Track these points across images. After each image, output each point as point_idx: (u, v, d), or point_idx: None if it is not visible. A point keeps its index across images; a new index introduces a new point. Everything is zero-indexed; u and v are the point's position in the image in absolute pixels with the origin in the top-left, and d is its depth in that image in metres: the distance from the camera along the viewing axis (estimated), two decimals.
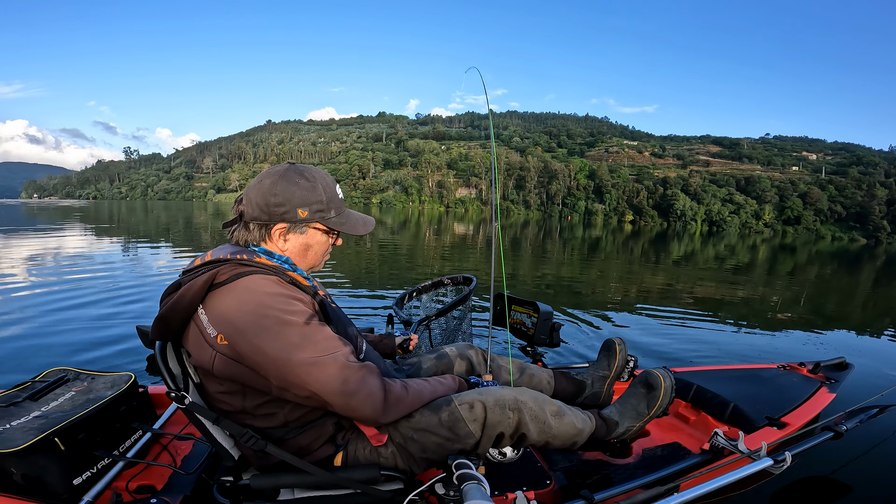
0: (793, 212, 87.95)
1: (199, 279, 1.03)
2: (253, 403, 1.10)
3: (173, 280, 1.12)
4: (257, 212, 1.11)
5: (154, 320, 1.07)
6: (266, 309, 1.00)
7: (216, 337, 1.01)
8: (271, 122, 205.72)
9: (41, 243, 9.18)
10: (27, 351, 2.95)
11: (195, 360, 1.07)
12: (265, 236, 1.14)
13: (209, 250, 1.14)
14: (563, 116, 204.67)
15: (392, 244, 13.04)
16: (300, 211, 1.12)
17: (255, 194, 1.11)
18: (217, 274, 1.04)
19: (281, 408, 1.12)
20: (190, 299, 1.03)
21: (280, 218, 1.12)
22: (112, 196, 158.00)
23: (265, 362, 1.00)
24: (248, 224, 1.13)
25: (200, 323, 1.03)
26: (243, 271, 1.05)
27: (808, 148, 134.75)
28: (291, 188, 1.11)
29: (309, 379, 1.01)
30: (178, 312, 1.04)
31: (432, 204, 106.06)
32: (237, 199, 1.17)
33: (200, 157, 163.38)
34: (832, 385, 2.24)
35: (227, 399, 1.11)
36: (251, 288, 1.02)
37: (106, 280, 5.41)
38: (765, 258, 17.63)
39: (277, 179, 1.11)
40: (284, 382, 1.02)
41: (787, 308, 6.22)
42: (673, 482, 1.41)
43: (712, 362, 3.45)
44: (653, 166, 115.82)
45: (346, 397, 1.04)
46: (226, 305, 1.01)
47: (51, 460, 1.22)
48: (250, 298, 1.01)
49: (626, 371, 1.78)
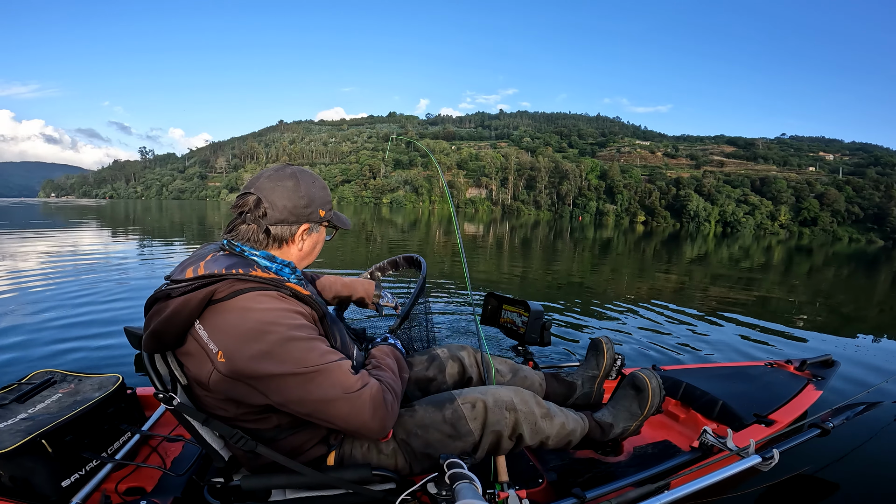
0: (809, 213, 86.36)
1: (196, 295, 0.98)
2: (245, 411, 1.08)
3: (156, 285, 1.08)
4: (285, 214, 1.10)
5: (147, 334, 1.02)
6: (268, 326, 0.97)
7: (217, 353, 0.97)
8: (283, 122, 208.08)
9: (36, 245, 9.12)
10: (12, 353, 2.91)
11: (192, 372, 1.04)
12: (284, 240, 1.12)
13: (197, 257, 1.08)
14: (574, 116, 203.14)
15: (402, 242, 13.05)
16: (321, 210, 1.16)
17: (281, 197, 1.09)
18: (215, 291, 0.99)
19: (275, 412, 1.10)
20: (186, 316, 0.99)
21: (306, 218, 1.13)
22: (128, 195, 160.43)
23: (266, 381, 0.98)
24: (269, 228, 1.09)
25: (200, 338, 0.99)
26: (242, 288, 1.00)
27: (825, 148, 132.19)
28: (312, 189, 1.13)
29: (311, 397, 0.99)
30: (174, 327, 1.00)
31: (442, 204, 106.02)
32: (237, 203, 1.12)
33: (214, 157, 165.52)
34: (819, 382, 2.27)
35: (219, 405, 1.08)
36: (250, 307, 0.99)
37: (94, 281, 5.32)
38: (780, 260, 17.32)
39: (297, 181, 1.11)
40: (284, 400, 1.00)
41: (778, 307, 6.15)
42: (663, 480, 1.44)
43: (701, 360, 3.47)
44: (665, 166, 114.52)
45: (350, 418, 1.01)
46: (226, 323, 0.98)
47: (38, 462, 1.22)
48: (251, 317, 0.97)
49: (615, 369, 1.79)
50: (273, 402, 1.00)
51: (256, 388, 0.99)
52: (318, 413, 1.00)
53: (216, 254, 1.08)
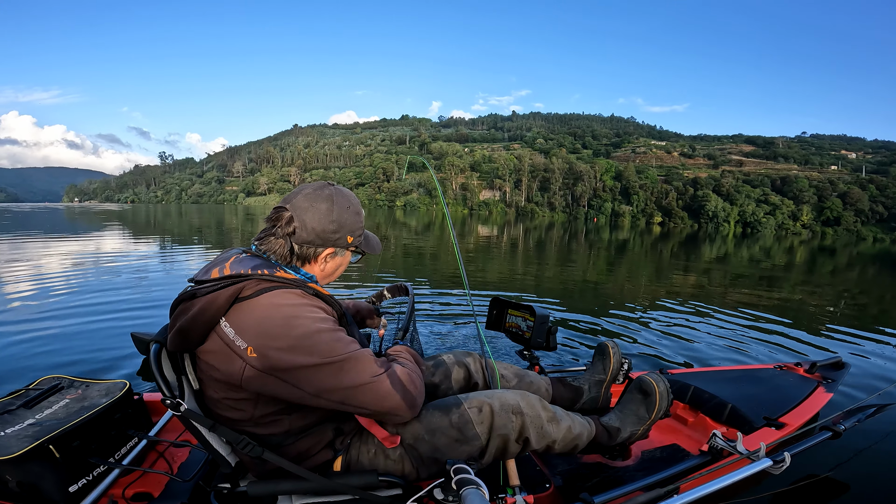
0: (832, 212, 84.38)
1: (224, 293, 1.02)
2: (263, 412, 1.09)
3: (174, 288, 1.10)
4: (312, 236, 1.13)
5: (173, 332, 1.05)
6: (295, 320, 1.01)
7: (246, 349, 1.00)
8: (298, 126, 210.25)
9: (50, 249, 9.30)
10: (20, 359, 2.94)
11: (219, 372, 1.05)
12: (308, 258, 1.16)
13: (221, 260, 1.12)
14: (587, 117, 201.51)
15: (416, 246, 13.07)
16: (349, 237, 1.19)
17: (312, 219, 1.13)
18: (242, 289, 1.04)
19: (288, 415, 1.12)
20: (213, 312, 1.02)
21: (332, 243, 1.17)
22: (148, 200, 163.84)
23: (298, 373, 1.00)
24: (294, 246, 1.13)
25: (226, 335, 1.02)
26: (267, 286, 1.05)
27: (847, 146, 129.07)
28: (345, 215, 1.17)
29: (342, 385, 1.02)
30: (200, 325, 1.03)
31: (456, 206, 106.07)
32: (271, 216, 1.15)
33: (231, 162, 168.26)
34: (829, 385, 2.24)
35: (236, 406, 1.09)
36: (277, 303, 1.03)
37: (105, 287, 5.35)
38: (802, 260, 16.89)
39: (332, 205, 1.14)
40: (316, 390, 1.02)
41: (793, 309, 6.00)
42: (673, 484, 1.42)
43: (710, 363, 3.41)
44: (682, 167, 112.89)
45: (382, 400, 1.06)
46: (254, 319, 1.01)
47: (46, 468, 1.23)
48: (278, 312, 1.01)
49: (622, 373, 1.78)
50: (306, 394, 1.02)
51: (288, 381, 1.01)
52: (350, 399, 1.04)
53: (240, 256, 1.13)
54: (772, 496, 1.78)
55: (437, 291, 5.79)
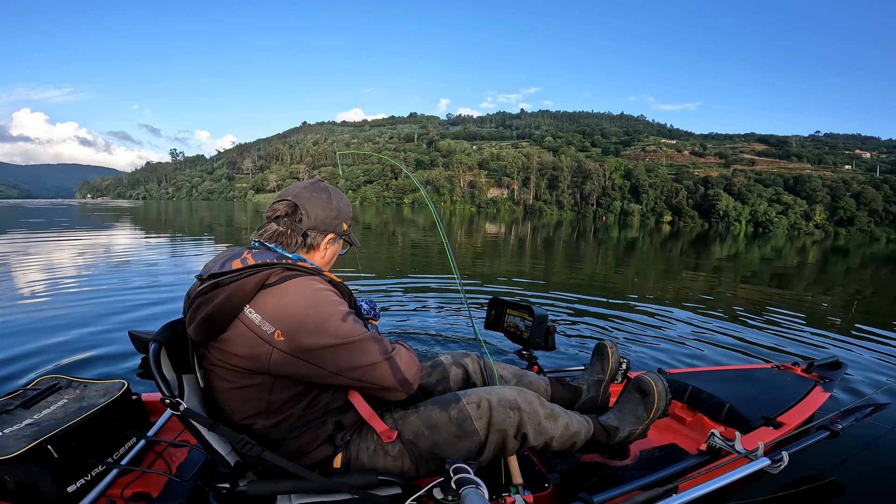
0: (846, 212, 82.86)
1: (251, 280, 1.06)
2: (277, 397, 1.12)
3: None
4: (317, 223, 1.22)
5: (198, 321, 1.06)
6: (321, 304, 1.08)
7: (273, 333, 1.04)
8: (306, 123, 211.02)
9: (51, 248, 9.28)
10: (18, 359, 2.93)
11: (246, 358, 1.07)
12: (312, 245, 1.23)
13: (233, 254, 1.15)
14: (596, 115, 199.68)
15: (424, 244, 13.06)
16: (344, 224, 1.29)
17: (316, 207, 1.21)
18: (269, 276, 1.08)
19: (298, 403, 1.15)
20: (240, 299, 1.06)
21: (332, 229, 1.25)
22: (160, 196, 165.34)
23: (323, 353, 1.06)
24: (305, 233, 1.21)
25: (251, 322, 1.05)
26: (291, 274, 1.11)
27: (861, 146, 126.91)
28: (340, 204, 1.27)
29: (361, 363, 1.09)
30: (228, 312, 1.06)
31: (464, 204, 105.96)
32: (272, 208, 1.22)
33: (240, 159, 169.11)
34: (826, 384, 2.26)
35: (251, 395, 1.11)
36: (302, 288, 1.09)
37: (99, 286, 5.32)
38: (814, 260, 16.65)
39: (330, 195, 1.24)
40: (339, 368, 1.08)
41: (784, 308, 5.93)
42: (671, 483, 1.43)
43: (708, 363, 3.41)
44: (693, 165, 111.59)
45: (393, 374, 1.13)
46: (282, 303, 1.06)
47: (44, 468, 1.23)
48: (306, 296, 1.08)
49: (620, 373, 1.79)
50: (329, 372, 1.08)
51: (313, 361, 1.06)
52: (366, 376, 1.10)
53: (254, 250, 1.17)
54: (770, 495, 1.79)
55: (438, 292, 5.77)
